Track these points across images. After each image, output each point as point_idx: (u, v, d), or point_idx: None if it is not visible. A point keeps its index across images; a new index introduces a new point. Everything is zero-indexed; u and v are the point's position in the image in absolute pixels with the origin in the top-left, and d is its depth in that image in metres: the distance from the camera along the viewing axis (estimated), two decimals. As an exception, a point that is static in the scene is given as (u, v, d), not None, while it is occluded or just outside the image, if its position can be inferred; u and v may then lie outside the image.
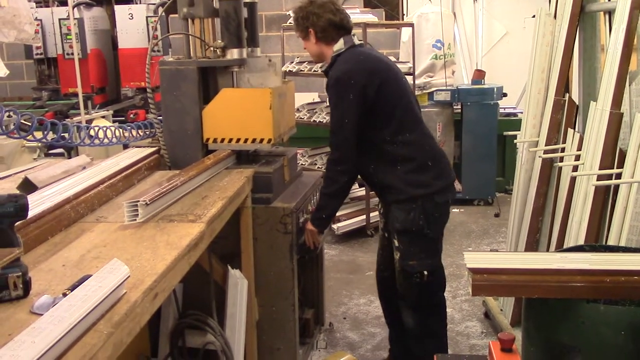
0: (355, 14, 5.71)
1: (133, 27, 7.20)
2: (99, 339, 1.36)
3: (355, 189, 5.90)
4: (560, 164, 3.34)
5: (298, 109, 5.64)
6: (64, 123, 2.93)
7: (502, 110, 6.87)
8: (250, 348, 3.02)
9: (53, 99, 7.11)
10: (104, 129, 3.20)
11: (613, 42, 2.92)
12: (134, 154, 3.06)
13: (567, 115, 3.47)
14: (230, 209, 2.60)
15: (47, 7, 7.33)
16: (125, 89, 7.31)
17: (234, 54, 3.18)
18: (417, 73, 6.29)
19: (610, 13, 3.20)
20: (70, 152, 4.87)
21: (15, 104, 6.72)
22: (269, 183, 3.05)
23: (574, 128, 3.44)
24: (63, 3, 7.18)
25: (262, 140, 3.10)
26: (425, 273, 2.93)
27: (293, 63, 5.75)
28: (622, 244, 2.66)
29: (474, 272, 2.11)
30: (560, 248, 3.14)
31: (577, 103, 3.50)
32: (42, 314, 1.41)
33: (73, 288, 1.54)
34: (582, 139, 3.20)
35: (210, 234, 2.26)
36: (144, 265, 1.77)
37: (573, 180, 3.19)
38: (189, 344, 2.87)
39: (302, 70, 5.55)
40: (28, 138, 2.81)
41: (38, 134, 2.89)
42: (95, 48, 7.27)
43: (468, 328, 3.91)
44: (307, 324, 3.58)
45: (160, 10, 6.97)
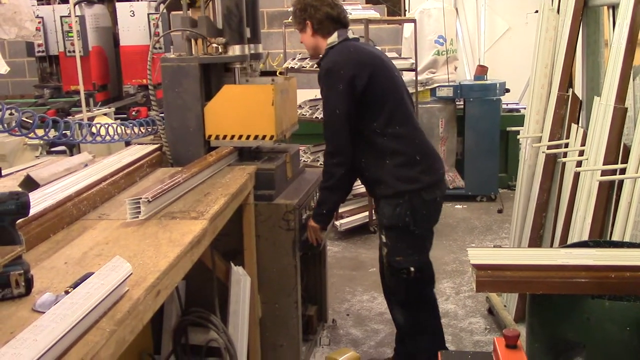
0: (357, 10, 5.68)
1: (134, 24, 7.21)
2: (102, 337, 1.35)
3: (358, 185, 5.87)
4: (564, 160, 3.33)
5: (300, 106, 5.62)
6: (66, 120, 2.93)
7: (504, 106, 6.85)
8: (253, 345, 3.02)
9: (55, 97, 7.12)
10: (106, 126, 3.20)
11: (617, 36, 2.91)
12: (136, 151, 3.06)
13: (570, 111, 3.45)
14: (233, 206, 2.59)
15: (48, 4, 7.34)
16: (127, 86, 7.32)
17: (236, 51, 3.17)
18: (419, 69, 6.27)
19: (614, 7, 3.18)
20: (72, 149, 4.86)
21: (17, 102, 6.73)
22: (272, 180, 3.05)
23: (578, 123, 3.42)
24: (64, 0, 7.19)
25: (264, 137, 3.09)
26: (412, 269, 2.93)
27: (295, 59, 5.73)
28: (626, 240, 2.65)
29: (478, 268, 2.11)
30: (564, 244, 3.13)
31: (580, 98, 3.48)
32: (44, 312, 1.40)
33: (75, 286, 1.53)
34: (585, 134, 3.19)
35: (213, 231, 2.25)
36: (147, 263, 1.77)
37: (577, 176, 3.18)
38: (192, 341, 2.87)
39: (304, 67, 5.54)
40: (30, 136, 2.80)
41: (40, 132, 2.89)
42: (97, 45, 7.28)
43: (472, 324, 3.91)
44: (310, 321, 3.58)
45: (162, 7, 6.96)
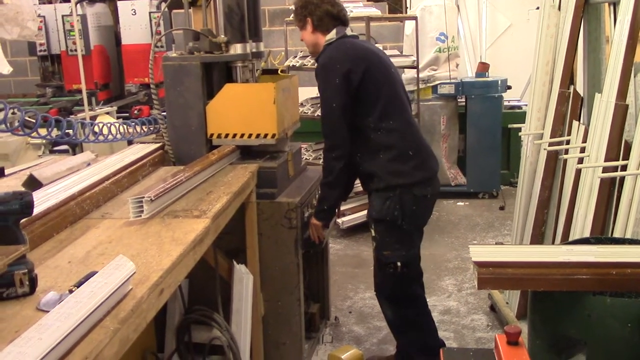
0: (359, 8, 5.68)
1: (136, 22, 7.20)
2: (106, 335, 1.36)
3: (360, 183, 5.87)
4: (566, 156, 3.33)
5: (302, 104, 5.63)
6: (68, 120, 2.94)
7: (506, 103, 6.85)
8: (256, 343, 3.03)
9: (57, 96, 7.12)
10: (108, 125, 3.21)
11: (618, 33, 2.91)
12: (139, 150, 3.07)
13: (572, 107, 3.46)
14: (235, 204, 2.60)
15: (50, 3, 7.34)
16: (129, 85, 7.31)
17: (237, 49, 3.17)
18: (421, 66, 6.26)
19: (615, 4, 3.18)
20: (75, 148, 4.87)
21: (19, 101, 6.75)
22: (274, 178, 3.06)
23: (579, 120, 3.42)
24: (66, 0, 7.19)
25: (266, 135, 3.10)
26: (399, 264, 2.95)
27: (296, 57, 5.73)
28: (627, 236, 2.65)
29: (480, 265, 2.11)
30: (566, 241, 3.14)
31: (582, 95, 3.48)
32: (48, 311, 1.41)
33: (79, 285, 1.54)
34: (587, 131, 3.19)
35: (216, 230, 2.26)
36: (150, 261, 1.78)
37: (578, 173, 3.18)
38: (195, 340, 2.88)
39: (305, 65, 5.54)
40: (32, 135, 2.81)
41: (42, 131, 2.90)
42: (99, 44, 7.27)
43: (474, 321, 3.91)
44: (312, 319, 3.59)
45: (163, 6, 6.96)
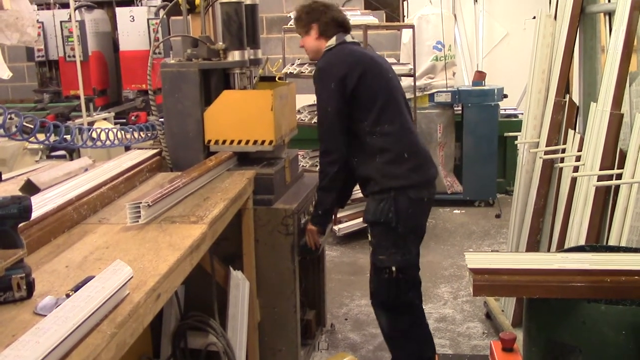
0: (356, 16, 5.71)
1: (134, 29, 7.22)
2: (103, 340, 1.37)
3: (357, 191, 5.87)
4: (561, 165, 3.34)
5: (299, 111, 5.64)
6: (66, 125, 2.94)
7: (502, 112, 6.88)
8: (252, 349, 3.02)
9: (54, 101, 7.14)
10: (106, 131, 3.21)
11: (613, 43, 2.93)
12: (136, 156, 3.07)
13: (567, 116, 3.47)
14: (232, 211, 2.61)
15: (48, 9, 7.36)
16: (127, 91, 7.33)
17: (235, 56, 3.19)
18: (417, 74, 6.30)
19: (610, 14, 3.21)
20: (72, 154, 4.88)
21: (17, 106, 6.75)
22: (271, 184, 3.06)
23: (575, 129, 3.44)
24: (64, 5, 7.21)
25: (263, 142, 3.11)
26: (394, 269, 2.93)
27: (294, 65, 5.75)
28: (622, 245, 2.67)
29: (475, 272, 2.12)
30: (561, 248, 3.15)
31: (577, 104, 3.50)
32: (45, 315, 1.42)
33: (76, 289, 1.55)
34: (582, 140, 3.21)
35: (212, 235, 2.27)
36: (147, 267, 1.78)
37: (574, 181, 3.20)
38: (191, 345, 2.88)
39: (303, 72, 5.56)
40: (31, 140, 2.82)
41: (40, 136, 2.90)
42: (97, 50, 7.30)
43: (469, 329, 3.92)
44: (308, 325, 3.59)
45: (162, 13, 6.99)
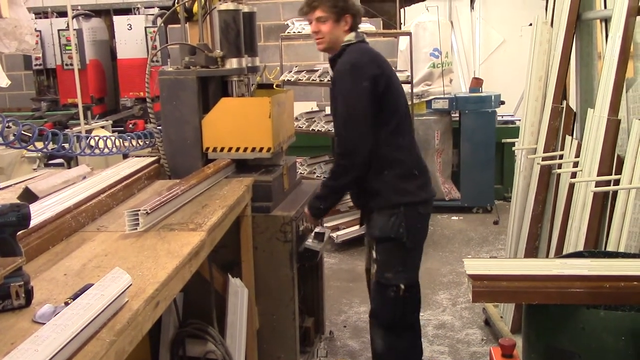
0: (353, 23, 5.71)
1: (132, 37, 7.24)
2: (102, 347, 1.36)
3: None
4: (559, 171, 3.35)
5: (297, 118, 5.65)
6: (65, 133, 2.94)
7: (500, 118, 6.90)
8: (251, 356, 3.01)
9: (52, 110, 7.15)
10: (104, 139, 3.21)
11: (609, 49, 2.94)
12: (134, 164, 3.07)
13: (565, 122, 3.48)
14: (231, 218, 2.61)
15: (46, 18, 7.37)
16: (124, 99, 7.34)
17: (233, 64, 3.20)
18: (415, 81, 6.31)
19: (607, 21, 3.22)
20: (70, 162, 4.88)
21: (14, 115, 6.74)
22: (269, 192, 3.06)
23: (572, 135, 3.45)
24: (62, 14, 7.23)
25: (261, 149, 3.11)
26: (402, 287, 2.83)
27: (291, 72, 5.77)
28: (621, 250, 2.67)
29: (474, 278, 2.12)
30: (560, 254, 3.15)
31: (574, 110, 3.51)
32: (44, 323, 1.41)
33: (75, 297, 1.54)
34: (580, 146, 3.22)
35: (211, 243, 2.26)
36: (146, 274, 1.78)
37: (572, 187, 3.20)
38: (190, 353, 2.87)
39: (300, 80, 5.57)
40: (29, 148, 2.81)
41: (38, 144, 2.90)
42: (94, 58, 7.32)
43: (468, 335, 3.91)
44: (307, 332, 3.58)
45: (159, 21, 7.01)
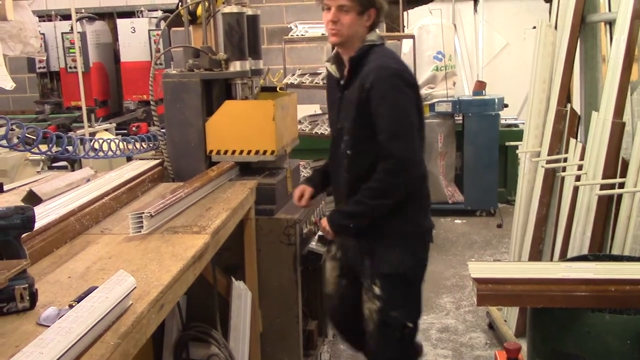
0: (357, 26, 5.71)
1: (135, 40, 7.24)
2: (106, 350, 1.36)
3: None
4: (563, 174, 3.34)
5: (300, 121, 5.65)
6: (69, 136, 2.95)
7: (503, 121, 6.89)
8: (254, 360, 3.02)
9: (55, 112, 7.15)
10: (108, 142, 3.22)
11: (614, 52, 2.94)
12: (138, 166, 3.07)
13: (569, 125, 3.48)
14: (234, 221, 2.60)
15: (49, 21, 7.39)
16: (127, 102, 7.34)
17: (237, 67, 3.20)
18: (418, 84, 6.30)
19: (611, 24, 3.22)
20: (74, 164, 4.88)
21: (18, 117, 6.76)
22: (273, 194, 3.06)
23: (576, 138, 3.44)
24: (65, 17, 7.24)
25: (265, 152, 3.11)
26: (410, 325, 2.56)
27: (295, 75, 5.77)
28: (625, 254, 2.66)
29: (479, 281, 2.12)
30: (564, 258, 3.14)
31: (578, 113, 3.51)
32: (48, 326, 1.41)
33: (79, 299, 1.54)
34: (584, 149, 3.21)
35: (215, 245, 2.26)
36: (150, 277, 1.78)
37: (576, 190, 3.19)
38: (193, 356, 2.87)
39: (303, 83, 5.57)
40: (33, 151, 2.82)
41: (42, 147, 2.91)
42: (98, 61, 7.32)
43: (472, 339, 3.90)
44: (310, 336, 3.57)
45: (163, 24, 7.01)
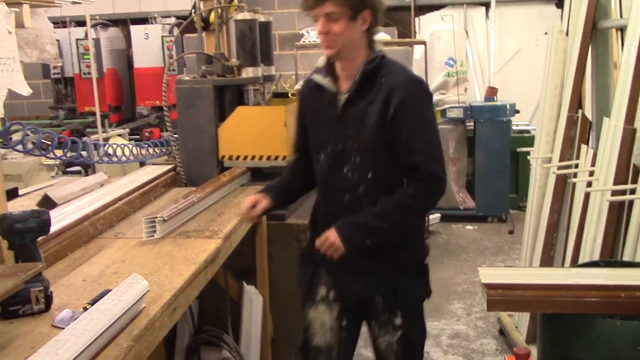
0: (368, 33, 5.73)
1: (148, 46, 7.30)
2: (120, 352, 1.38)
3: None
4: (574, 180, 3.34)
5: (311, 127, 5.66)
6: (83, 141, 2.98)
7: (515, 127, 6.87)
8: (265, 364, 3.03)
9: (69, 118, 7.22)
10: (122, 147, 3.25)
11: (625, 58, 2.93)
12: (151, 172, 3.11)
13: (580, 131, 3.47)
14: (246, 226, 2.62)
15: (64, 27, 7.46)
16: (140, 108, 7.40)
17: (249, 73, 3.23)
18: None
19: (622, 30, 3.21)
20: (88, 169, 4.93)
21: (33, 123, 6.82)
22: (284, 200, 3.07)
23: (588, 144, 3.44)
24: (80, 24, 7.31)
25: (277, 157, 3.13)
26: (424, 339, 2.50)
27: (306, 81, 5.79)
28: (637, 260, 2.65)
29: (489, 287, 2.12)
30: (575, 264, 3.13)
31: (590, 119, 3.50)
32: (63, 328, 1.44)
33: (93, 302, 1.57)
34: (595, 155, 3.20)
35: (227, 250, 2.29)
36: (162, 280, 1.80)
37: (587, 196, 3.18)
38: (205, 360, 2.89)
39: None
40: (49, 155, 2.86)
41: (57, 152, 2.94)
42: (111, 67, 7.39)
43: (483, 345, 3.89)
44: (321, 341, 3.57)
45: (176, 31, 7.07)
